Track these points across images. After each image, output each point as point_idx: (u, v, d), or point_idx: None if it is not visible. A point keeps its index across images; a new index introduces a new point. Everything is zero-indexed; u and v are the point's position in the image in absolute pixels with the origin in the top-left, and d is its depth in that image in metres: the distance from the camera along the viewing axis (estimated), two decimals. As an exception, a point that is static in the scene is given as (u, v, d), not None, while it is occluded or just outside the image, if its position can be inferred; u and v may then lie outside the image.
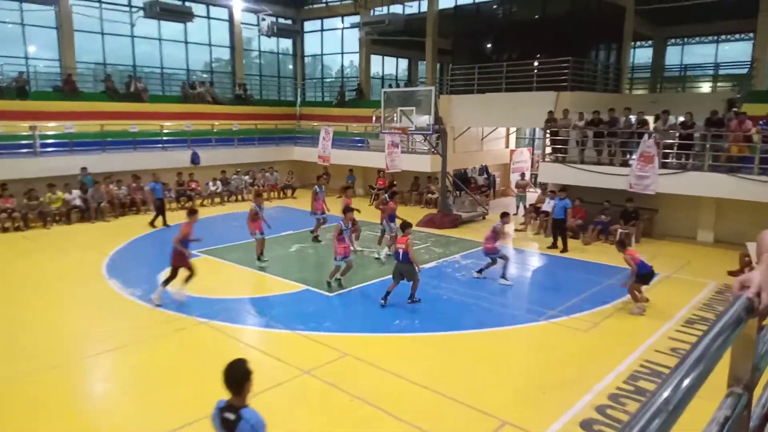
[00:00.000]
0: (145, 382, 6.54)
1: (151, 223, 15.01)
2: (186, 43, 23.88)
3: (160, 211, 15.10)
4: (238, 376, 3.40)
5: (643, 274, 8.92)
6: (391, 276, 9.36)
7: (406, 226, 9.35)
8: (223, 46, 25.56)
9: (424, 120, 15.11)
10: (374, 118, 20.67)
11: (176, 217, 16.57)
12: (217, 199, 19.31)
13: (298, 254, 12.73)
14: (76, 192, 16.01)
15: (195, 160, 19.31)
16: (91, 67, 21.55)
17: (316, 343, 7.61)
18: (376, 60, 27.30)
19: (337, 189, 21.02)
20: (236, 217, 16.91)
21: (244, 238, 13.35)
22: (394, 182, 19.73)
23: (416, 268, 9.01)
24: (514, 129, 21.90)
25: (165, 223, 15.03)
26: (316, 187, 13.90)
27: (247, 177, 20.56)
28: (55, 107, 18.09)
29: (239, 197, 19.95)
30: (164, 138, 19.82)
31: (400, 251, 9.00)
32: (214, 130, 21.42)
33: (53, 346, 7.44)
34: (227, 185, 19.80)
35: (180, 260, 9.03)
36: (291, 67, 28.96)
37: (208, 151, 20.14)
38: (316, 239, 13.61)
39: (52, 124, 17.48)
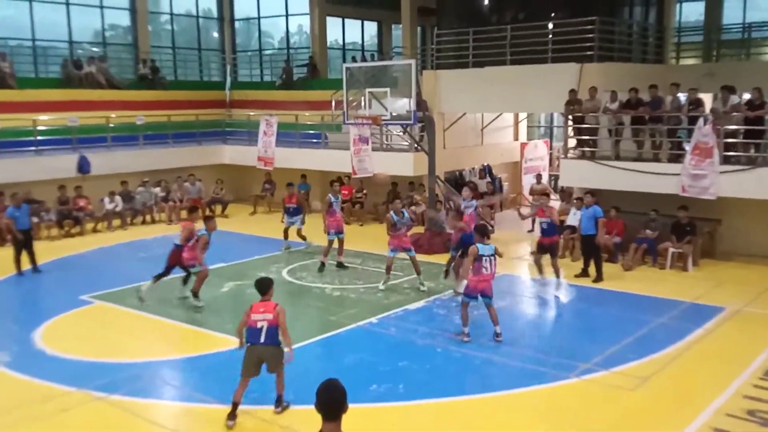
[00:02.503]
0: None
1: (16, 264, 13.93)
2: (67, 4, 23.64)
3: (25, 245, 14.03)
4: (338, 396, 4.05)
5: None
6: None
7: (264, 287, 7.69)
8: (121, 8, 25.42)
9: (403, 105, 15.27)
10: (334, 104, 20.77)
11: (56, 248, 16.25)
12: (117, 221, 19.01)
13: (234, 295, 12.59)
14: None
15: (83, 167, 19.04)
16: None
17: (263, 423, 7.50)
18: (333, 24, 27.53)
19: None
20: (143, 246, 16.70)
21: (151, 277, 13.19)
22: (363, 191, 19.85)
23: (286, 353, 7.49)
24: (525, 115, 22.28)
25: (33, 263, 14.16)
26: (331, 196, 14.23)
27: (157, 189, 20.33)
28: None
29: (147, 218, 19.70)
30: (38, 138, 19.47)
31: (262, 325, 7.32)
32: (111, 125, 21.15)
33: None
34: (130, 201, 19.53)
35: (176, 258, 11.55)
36: (216, 35, 28.95)
37: (102, 155, 19.89)
38: (340, 265, 14.06)
39: None
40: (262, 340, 7.35)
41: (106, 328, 10.78)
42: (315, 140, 21.27)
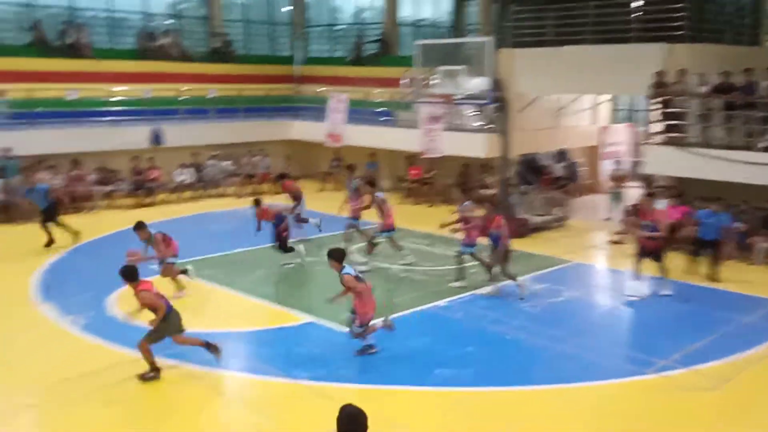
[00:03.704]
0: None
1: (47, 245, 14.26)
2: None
3: (50, 220, 14.29)
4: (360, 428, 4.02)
5: None
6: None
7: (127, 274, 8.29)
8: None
9: (477, 84, 15.10)
10: (405, 81, 20.69)
11: (129, 217, 16.89)
12: (187, 193, 19.61)
13: (298, 273, 12.84)
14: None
15: (157, 139, 19.66)
16: (14, 11, 22.09)
17: (326, 399, 7.66)
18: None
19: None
20: (212, 218, 17.19)
21: (224, 248, 13.58)
22: (433, 171, 19.80)
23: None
24: (606, 98, 21.69)
25: (50, 241, 14.23)
26: (357, 180, 14.24)
27: (228, 163, 20.83)
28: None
29: (217, 191, 20.22)
30: (114, 109, 20.21)
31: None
32: (183, 98, 21.75)
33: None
34: (200, 174, 20.10)
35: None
36: (287, 9, 29.20)
37: (175, 127, 20.47)
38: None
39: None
40: None
41: (183, 298, 11.16)
42: (385, 118, 21.31)
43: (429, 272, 12.75)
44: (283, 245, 12.83)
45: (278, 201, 14.33)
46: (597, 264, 13.99)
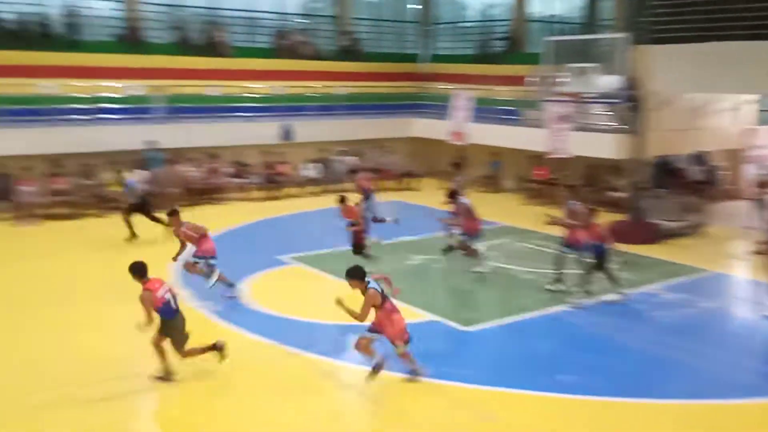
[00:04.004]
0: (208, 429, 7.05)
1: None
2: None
3: (141, 212, 14.62)
4: None
5: None
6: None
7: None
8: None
9: (609, 82, 14.64)
10: (532, 79, 20.35)
11: (258, 209, 17.67)
12: (313, 188, 20.23)
13: (421, 269, 12.94)
14: (143, 173, 17.65)
15: (287, 135, 20.40)
16: (160, 11, 23.57)
17: (447, 398, 7.69)
18: (534, -6, 26.84)
19: (472, 180, 21.10)
20: (338, 213, 17.60)
21: (347, 243, 13.84)
22: (559, 172, 19.32)
23: None
24: (752, 98, 20.34)
25: (131, 234, 14.49)
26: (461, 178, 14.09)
27: (353, 158, 21.28)
28: (115, 62, 20.13)
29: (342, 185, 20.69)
30: (248, 105, 21.18)
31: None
32: (313, 95, 22.44)
33: (88, 375, 8.22)
34: (327, 169, 20.67)
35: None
36: (414, 7, 29.39)
37: (304, 123, 21.16)
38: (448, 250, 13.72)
39: (111, 83, 19.47)
40: None
41: (300, 289, 11.56)
42: (510, 116, 21.02)
43: (550, 275, 12.47)
44: (357, 247, 12.56)
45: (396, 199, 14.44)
46: (736, 275, 13.17)
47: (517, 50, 25.09)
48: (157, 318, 7.75)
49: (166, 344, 7.89)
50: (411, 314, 10.30)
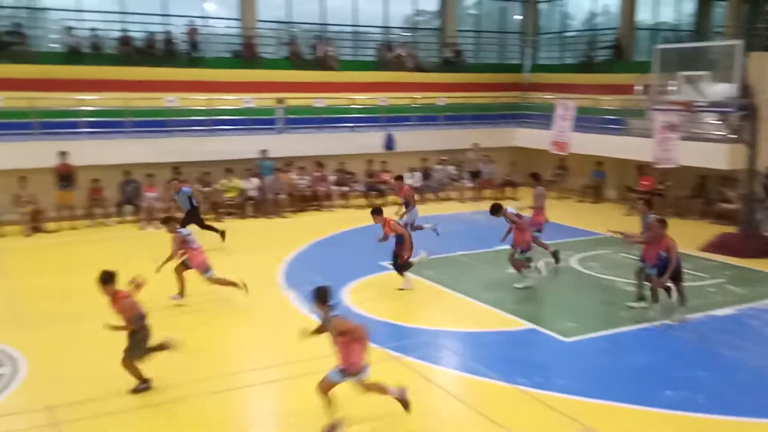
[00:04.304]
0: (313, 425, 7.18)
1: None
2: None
3: (194, 222, 14.53)
4: None
5: None
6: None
7: None
8: (431, -5, 26.84)
9: (721, 90, 13.91)
10: (639, 88, 19.68)
11: (361, 216, 17.93)
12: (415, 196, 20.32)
13: (517, 278, 12.75)
14: (255, 180, 18.37)
15: (389, 144, 20.63)
16: (274, 28, 24.45)
17: (544, 406, 7.53)
18: (644, 2, 25.89)
19: (577, 189, 20.58)
20: (438, 221, 17.62)
21: (447, 250, 13.84)
22: (665, 183, 18.54)
23: None
24: None
25: (221, 232, 14.88)
26: (540, 188, 13.52)
27: (454, 168, 21.25)
28: (232, 77, 21.10)
29: (443, 195, 20.70)
30: (353, 116, 21.60)
31: None
32: (415, 106, 22.61)
33: (208, 369, 8.60)
34: (428, 178, 20.74)
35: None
36: (517, 18, 29.05)
37: (406, 133, 21.37)
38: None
39: (228, 97, 20.37)
40: None
41: (401, 294, 11.63)
42: (615, 126, 20.36)
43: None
44: (399, 265, 11.74)
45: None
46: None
47: (624, 59, 24.34)
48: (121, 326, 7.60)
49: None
50: (512, 323, 10.21)
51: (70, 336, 9.57)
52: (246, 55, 22.18)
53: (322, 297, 6.76)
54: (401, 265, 11.65)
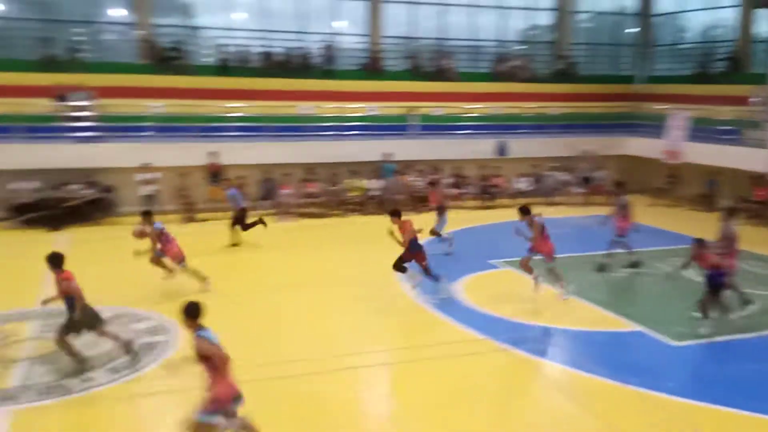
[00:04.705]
0: (419, 408, 7.25)
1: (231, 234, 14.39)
2: (501, 8, 25.34)
3: (239, 221, 14.29)
4: None
5: None
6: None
7: None
8: (546, 9, 26.24)
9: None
10: (755, 99, 18.42)
11: (473, 217, 17.86)
12: (525, 199, 19.97)
13: (628, 281, 12.27)
14: (376, 181, 18.75)
15: (502, 151, 20.43)
16: (398, 42, 24.78)
17: (652, 406, 7.23)
18: (762, 16, 24.01)
19: (689, 198, 19.48)
20: (551, 225, 17.25)
21: (562, 251, 13.51)
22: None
23: None
24: None
25: (234, 243, 14.29)
26: (624, 197, 12.76)
27: (563, 174, 20.71)
28: (359, 87, 21.56)
29: (553, 199, 20.25)
30: (467, 123, 21.54)
31: None
32: (527, 115, 22.24)
33: (323, 350, 8.82)
34: (539, 183, 20.33)
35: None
36: (630, 31, 27.84)
37: (518, 140, 21.08)
38: (633, 265, 12.77)
39: (355, 105, 20.87)
40: None
41: (510, 291, 11.50)
42: (730, 136, 19.11)
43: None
44: (399, 263, 11.00)
45: (599, 212, 13.65)
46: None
47: (741, 70, 22.75)
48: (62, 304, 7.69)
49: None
50: (619, 323, 9.86)
51: (219, 308, 10.09)
52: (372, 68, 22.63)
53: (190, 313, 5.66)
54: (402, 262, 10.89)
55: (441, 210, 14.06)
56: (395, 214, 10.89)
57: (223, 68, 21.08)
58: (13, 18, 21.54)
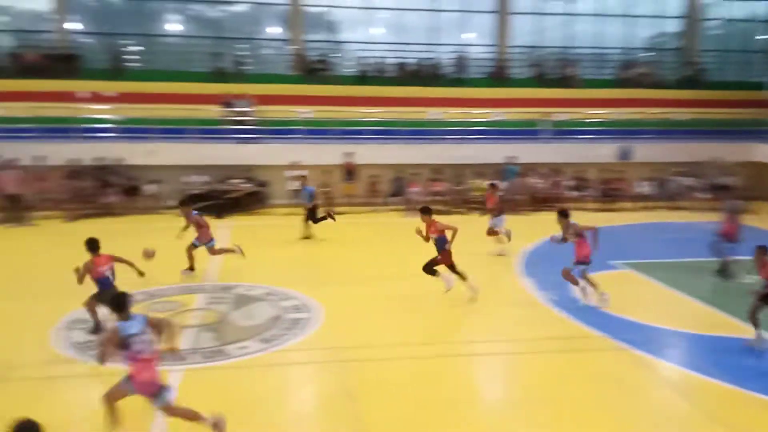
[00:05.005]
0: (535, 397, 7.03)
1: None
2: (628, 16, 24.00)
3: (311, 215, 14.21)
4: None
5: None
6: None
7: None
8: (675, 17, 24.51)
9: None
10: None
11: (594, 218, 17.07)
12: (647, 203, 18.87)
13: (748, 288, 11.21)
14: (500, 182, 18.43)
15: (625, 155, 19.38)
16: (524, 51, 24.21)
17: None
18: None
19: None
20: (669, 228, 16.18)
21: (678, 255, 12.69)
22: None
23: None
24: None
25: (306, 236, 14.22)
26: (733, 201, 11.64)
27: (689, 179, 19.28)
28: (485, 94, 21.31)
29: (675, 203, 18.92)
30: (589, 128, 20.62)
31: None
32: (651, 120, 20.92)
33: (438, 334, 8.81)
34: (661, 187, 19.08)
35: None
36: (763, 37, 25.32)
37: (642, 145, 19.93)
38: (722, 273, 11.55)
39: (481, 111, 20.64)
40: None
41: (629, 291, 10.85)
42: None
43: None
44: (429, 268, 10.04)
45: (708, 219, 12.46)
46: None
47: None
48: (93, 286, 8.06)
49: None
50: (741, 329, 9.03)
51: (359, 294, 10.40)
52: (498, 76, 22.28)
53: (113, 306, 5.48)
54: (431, 265, 10.00)
55: (498, 212, 13.28)
56: (426, 211, 9.95)
57: (362, 78, 21.63)
58: (190, 36, 23.43)
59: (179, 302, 9.77)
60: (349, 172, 18.17)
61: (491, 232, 13.19)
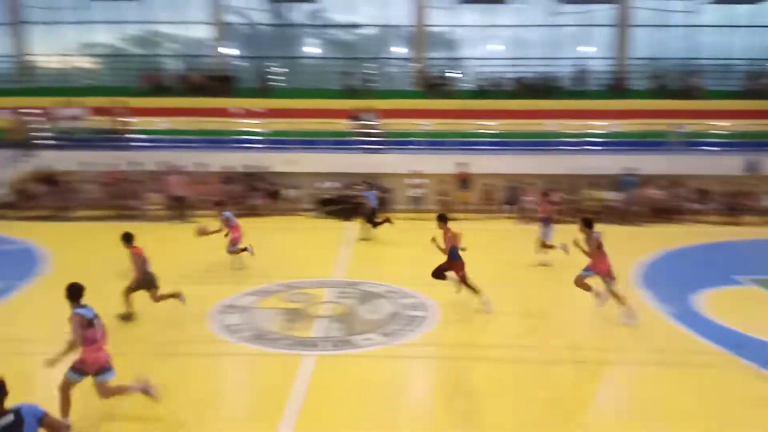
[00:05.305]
0: (657, 410, 6.45)
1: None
2: (755, 27, 21.70)
3: (370, 219, 14.40)
4: None
5: None
6: None
7: None
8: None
9: None
10: None
11: (716, 232, 15.58)
12: (774, 217, 16.93)
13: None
14: (616, 193, 17.40)
15: (753, 167, 17.50)
16: (644, 63, 22.66)
17: None
18: None
19: None
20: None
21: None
22: None
23: None
24: None
25: (364, 237, 14.30)
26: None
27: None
28: (602, 106, 20.16)
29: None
30: (712, 140, 18.86)
31: None
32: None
33: (550, 340, 8.33)
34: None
35: None
36: None
37: (770, 157, 17.88)
38: None
39: (598, 122, 19.56)
40: None
41: (757, 308, 9.74)
42: None
43: None
44: (438, 274, 9.43)
45: None
46: None
47: None
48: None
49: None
50: None
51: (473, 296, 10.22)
52: (617, 88, 21.02)
53: (69, 294, 5.66)
54: (442, 271, 9.44)
55: (547, 222, 12.07)
56: (442, 219, 9.33)
57: (480, 92, 21.34)
58: (324, 57, 24.43)
59: (312, 294, 10.14)
60: (464, 180, 17.97)
61: (544, 244, 11.98)
